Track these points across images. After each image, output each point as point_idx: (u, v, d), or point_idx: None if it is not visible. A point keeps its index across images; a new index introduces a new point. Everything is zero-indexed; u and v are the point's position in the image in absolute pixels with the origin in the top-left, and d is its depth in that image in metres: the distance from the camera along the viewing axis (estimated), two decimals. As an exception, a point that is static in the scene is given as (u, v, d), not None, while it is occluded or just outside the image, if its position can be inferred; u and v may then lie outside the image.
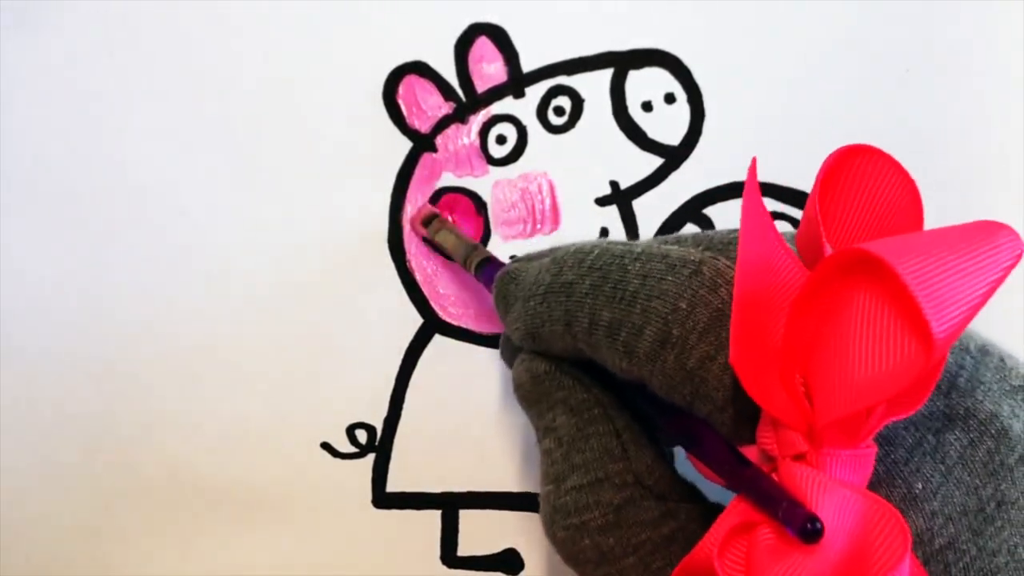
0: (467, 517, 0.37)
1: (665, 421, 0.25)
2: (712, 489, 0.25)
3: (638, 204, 0.36)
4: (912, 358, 0.17)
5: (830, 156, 0.21)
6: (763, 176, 0.35)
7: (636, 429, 0.26)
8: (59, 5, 0.34)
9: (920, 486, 0.22)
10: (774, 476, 0.21)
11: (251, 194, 0.35)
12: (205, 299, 0.36)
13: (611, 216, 0.36)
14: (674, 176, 0.35)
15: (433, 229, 0.34)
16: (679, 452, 0.27)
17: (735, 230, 0.25)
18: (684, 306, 0.22)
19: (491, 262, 0.31)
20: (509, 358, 0.30)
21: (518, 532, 0.36)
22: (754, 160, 0.22)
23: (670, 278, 0.23)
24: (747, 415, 0.22)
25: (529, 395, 0.27)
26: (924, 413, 0.23)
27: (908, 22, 0.34)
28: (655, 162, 0.35)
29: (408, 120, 0.35)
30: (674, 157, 0.35)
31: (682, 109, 0.35)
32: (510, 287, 0.28)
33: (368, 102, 0.35)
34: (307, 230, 0.35)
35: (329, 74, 0.35)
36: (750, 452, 0.22)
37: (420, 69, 0.35)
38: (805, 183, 0.35)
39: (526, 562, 0.37)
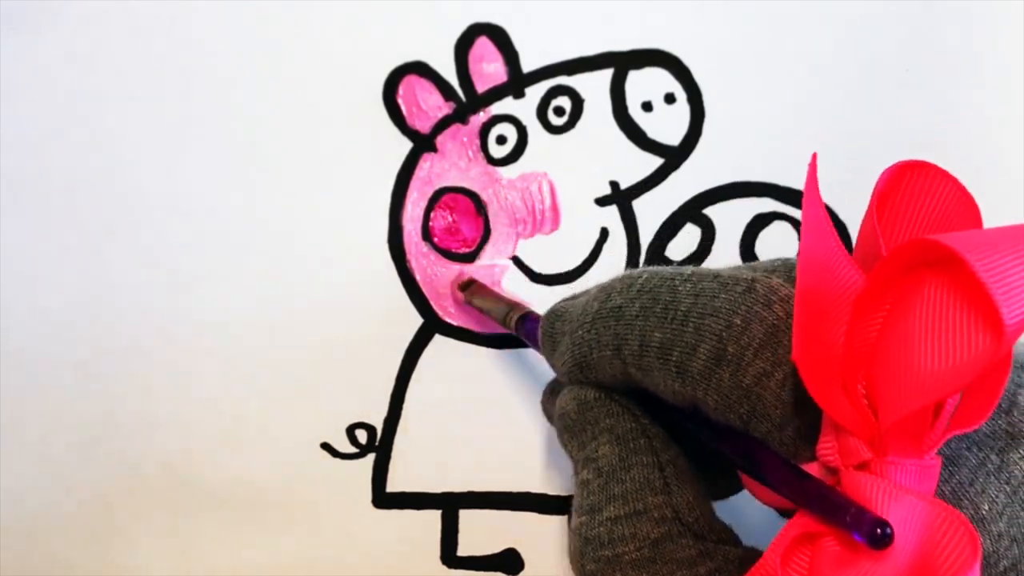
0: (467, 517, 0.37)
1: (720, 443, 0.24)
2: (749, 536, 0.25)
3: (638, 204, 0.36)
4: (982, 349, 0.17)
5: (885, 172, 0.21)
6: (763, 176, 0.35)
7: (680, 465, 0.25)
8: (59, 5, 0.34)
9: (987, 507, 0.21)
10: (837, 488, 0.21)
11: (251, 194, 0.35)
12: (205, 299, 0.36)
13: (611, 216, 0.36)
14: (674, 176, 0.35)
15: (470, 293, 0.35)
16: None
17: (778, 259, 0.24)
18: (739, 322, 0.22)
19: (531, 315, 0.31)
20: (551, 410, 0.29)
21: (518, 532, 0.36)
22: (814, 157, 0.21)
23: (723, 296, 0.22)
24: (805, 432, 0.22)
25: (574, 424, 0.26)
26: (986, 432, 0.22)
27: (908, 22, 0.34)
28: (655, 162, 0.35)
29: (408, 120, 0.35)
30: (674, 157, 0.35)
31: (682, 109, 0.35)
32: (556, 324, 0.27)
33: (368, 102, 0.35)
34: (307, 230, 0.35)
35: (329, 74, 0.35)
36: (810, 469, 0.22)
37: (420, 69, 0.35)
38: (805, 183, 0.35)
39: (526, 562, 0.37)
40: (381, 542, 0.37)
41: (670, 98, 0.35)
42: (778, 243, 0.35)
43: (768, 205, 0.35)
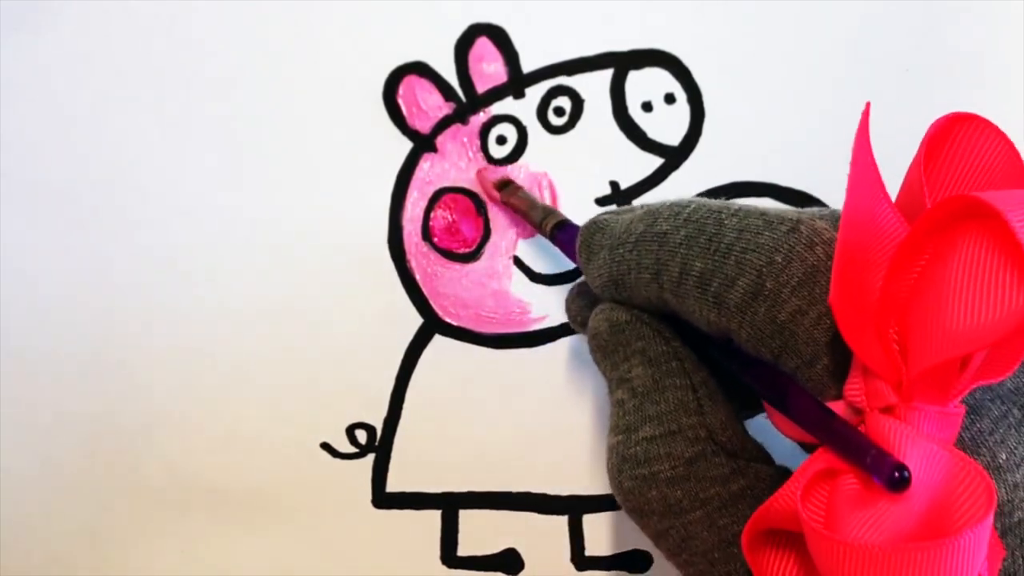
0: (467, 517, 0.37)
1: (749, 374, 0.25)
2: (780, 454, 0.26)
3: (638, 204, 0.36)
4: (1016, 305, 0.17)
5: (934, 123, 0.21)
6: (763, 176, 0.35)
7: (712, 385, 0.26)
8: (59, 5, 0.34)
9: (1004, 457, 0.22)
10: (861, 429, 0.21)
11: (251, 194, 0.35)
12: (205, 299, 0.36)
13: (611, 216, 0.36)
14: (674, 176, 0.35)
15: (508, 193, 0.34)
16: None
17: (826, 208, 0.25)
18: (779, 260, 0.22)
19: (569, 223, 0.31)
20: (576, 313, 0.30)
21: (518, 532, 0.36)
22: (868, 106, 0.22)
23: (767, 233, 0.23)
24: (834, 371, 0.22)
25: (606, 344, 0.27)
26: (1010, 387, 0.23)
27: (908, 22, 0.34)
28: (655, 162, 0.35)
29: (408, 120, 0.35)
30: (674, 157, 0.35)
31: (682, 109, 0.35)
32: (596, 236, 0.28)
33: (368, 102, 0.35)
34: (307, 230, 0.35)
35: (329, 74, 0.35)
36: (835, 407, 0.22)
37: (420, 69, 0.35)
38: (805, 183, 0.35)
39: (526, 562, 0.37)
40: (381, 542, 0.37)
41: (670, 98, 0.35)
42: (778, 243, 0.35)
43: (768, 205, 0.35)
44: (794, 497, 0.21)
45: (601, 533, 0.36)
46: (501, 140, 0.35)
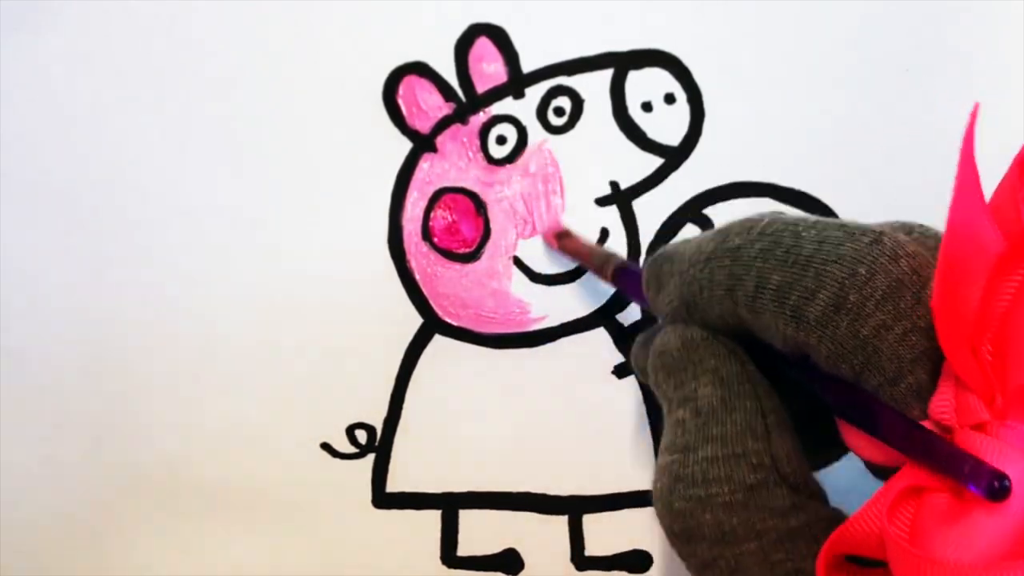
0: (467, 517, 0.37)
1: (828, 392, 0.24)
2: (838, 499, 0.25)
3: (638, 204, 0.36)
4: None
5: None
6: (763, 176, 0.35)
7: (783, 414, 0.25)
8: (59, 5, 0.34)
9: None
10: None
11: (251, 194, 0.35)
12: (205, 299, 0.36)
13: (611, 216, 0.36)
14: (674, 176, 0.35)
15: (567, 242, 0.34)
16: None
17: (896, 221, 0.24)
18: (863, 272, 0.22)
19: (629, 265, 0.31)
20: (643, 361, 0.28)
21: (518, 532, 0.36)
22: (976, 106, 0.21)
23: (849, 244, 0.22)
24: (918, 390, 0.22)
25: (675, 362, 0.26)
26: None
27: (908, 22, 0.34)
28: (655, 162, 0.35)
29: (408, 120, 0.35)
30: (674, 157, 0.35)
31: (682, 109, 0.35)
32: (664, 266, 0.27)
33: (368, 102, 0.35)
34: (307, 230, 0.35)
35: (329, 74, 0.35)
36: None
37: (420, 69, 0.35)
38: (805, 183, 0.35)
39: (526, 562, 0.37)
40: (381, 542, 0.37)
41: (670, 98, 0.35)
42: (778, 243, 0.35)
43: (768, 205, 0.35)
44: (875, 518, 0.20)
45: (601, 533, 0.36)
46: (501, 140, 0.35)
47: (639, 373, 0.29)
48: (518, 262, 0.36)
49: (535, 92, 0.35)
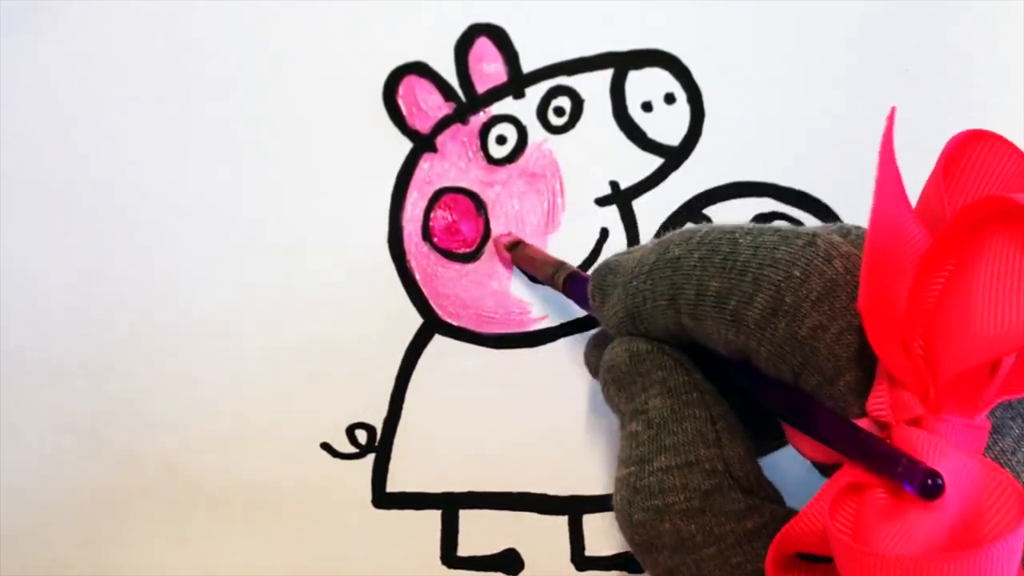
0: (467, 517, 0.37)
1: (769, 396, 0.24)
2: (792, 496, 0.25)
3: (638, 204, 0.36)
4: None
5: (952, 140, 0.21)
6: (763, 176, 0.35)
7: (731, 419, 0.25)
8: (59, 5, 0.34)
9: None
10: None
11: (251, 194, 0.35)
12: (205, 299, 0.36)
13: (611, 216, 0.36)
14: (674, 176, 0.35)
15: (518, 253, 0.35)
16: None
17: (832, 223, 0.25)
18: (798, 274, 0.22)
19: (579, 274, 0.31)
20: (596, 363, 0.29)
21: (518, 532, 0.36)
22: (893, 110, 0.22)
23: (784, 248, 0.23)
24: (856, 388, 0.22)
25: (624, 376, 0.26)
26: None
27: (908, 22, 0.34)
28: (655, 162, 0.35)
29: (408, 120, 0.35)
30: (674, 157, 0.35)
31: (682, 109, 0.35)
32: (608, 277, 0.27)
33: (368, 102, 0.35)
34: (307, 230, 0.35)
35: (329, 74, 0.35)
36: (860, 424, 0.22)
37: (420, 69, 0.35)
38: (805, 183, 0.35)
39: (526, 562, 0.37)
40: (381, 542, 0.37)
41: (670, 98, 0.35)
42: (778, 243, 0.35)
43: (768, 205, 0.35)
44: (820, 515, 0.20)
45: (601, 533, 0.36)
46: (501, 140, 0.35)
47: (592, 374, 0.30)
48: (518, 262, 0.36)
49: (535, 92, 0.35)
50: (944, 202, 0.21)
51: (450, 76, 0.35)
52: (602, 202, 0.36)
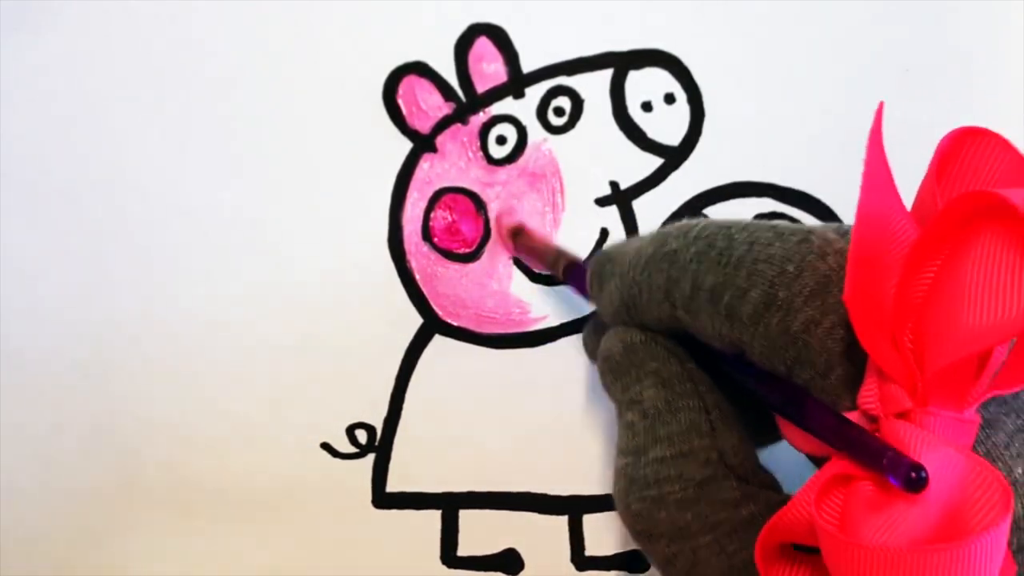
0: (467, 517, 0.37)
1: (762, 388, 0.24)
2: (789, 483, 0.25)
3: (638, 204, 0.36)
4: None
5: (946, 137, 0.21)
6: (763, 176, 0.35)
7: (725, 409, 0.26)
8: (59, 5, 0.34)
9: (1020, 471, 0.22)
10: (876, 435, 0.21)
11: (251, 194, 0.35)
12: (205, 299, 0.36)
13: (611, 216, 0.36)
14: (674, 176, 0.35)
15: (521, 240, 0.35)
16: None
17: (831, 223, 0.25)
18: (791, 269, 0.22)
19: (579, 263, 0.31)
20: (595, 348, 0.29)
21: (518, 532, 0.36)
22: (881, 104, 0.22)
23: (778, 244, 0.23)
24: (848, 381, 0.22)
25: (618, 366, 0.27)
26: None
27: (908, 22, 0.34)
28: (655, 162, 0.35)
29: (408, 120, 0.35)
30: (674, 157, 0.35)
31: (682, 109, 0.35)
32: (606, 266, 0.28)
33: (368, 102, 0.35)
34: (307, 230, 0.35)
35: (329, 74, 0.35)
36: (850, 417, 0.22)
37: (420, 69, 0.35)
38: (805, 183, 0.35)
39: (526, 562, 0.37)
40: (381, 542, 0.37)
41: (670, 98, 0.35)
42: (778, 243, 0.35)
43: (768, 205, 0.35)
44: (807, 505, 0.21)
45: (601, 533, 0.36)
46: (501, 140, 0.35)
47: (590, 357, 0.30)
48: (518, 262, 0.36)
49: (535, 92, 0.35)
50: (937, 198, 0.21)
51: (450, 76, 0.35)
52: (602, 202, 0.36)
